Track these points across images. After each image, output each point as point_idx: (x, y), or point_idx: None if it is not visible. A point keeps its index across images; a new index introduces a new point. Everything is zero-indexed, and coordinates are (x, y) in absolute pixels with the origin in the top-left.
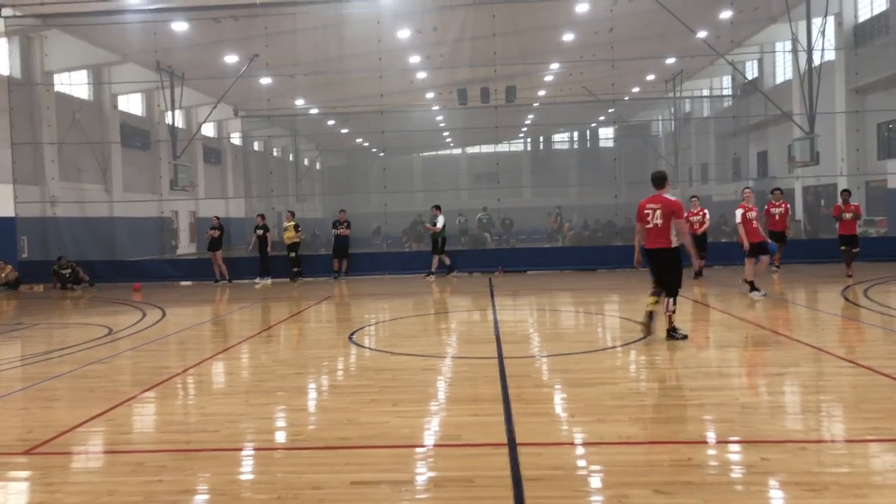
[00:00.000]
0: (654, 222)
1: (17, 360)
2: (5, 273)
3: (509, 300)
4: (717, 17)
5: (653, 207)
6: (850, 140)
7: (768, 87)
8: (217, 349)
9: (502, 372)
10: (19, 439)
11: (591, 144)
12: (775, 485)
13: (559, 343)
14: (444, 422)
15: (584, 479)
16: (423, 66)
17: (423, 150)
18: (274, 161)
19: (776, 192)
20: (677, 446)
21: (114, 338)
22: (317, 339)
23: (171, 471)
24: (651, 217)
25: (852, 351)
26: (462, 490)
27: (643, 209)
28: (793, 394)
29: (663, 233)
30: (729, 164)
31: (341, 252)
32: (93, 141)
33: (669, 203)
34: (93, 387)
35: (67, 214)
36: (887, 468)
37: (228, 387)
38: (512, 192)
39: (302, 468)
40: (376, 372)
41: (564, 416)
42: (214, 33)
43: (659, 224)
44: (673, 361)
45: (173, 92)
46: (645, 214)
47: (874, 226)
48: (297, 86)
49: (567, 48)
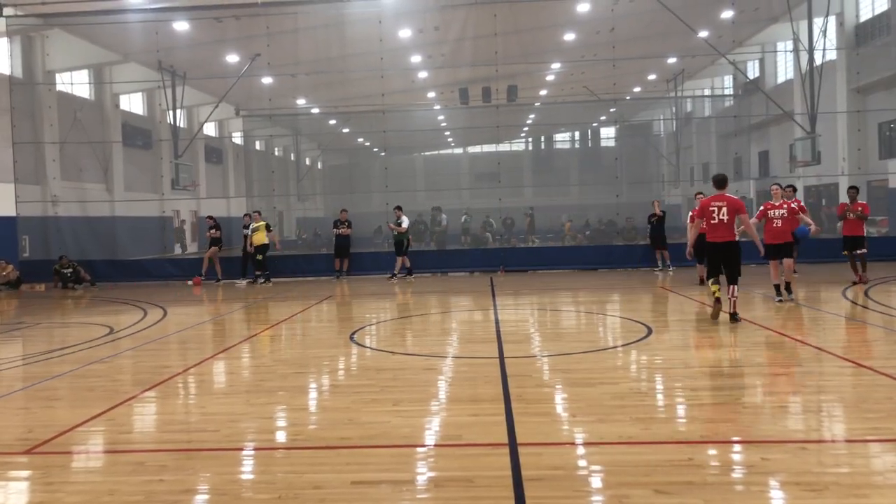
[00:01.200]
0: (719, 218)
1: (18, 360)
2: (6, 272)
3: (510, 300)
4: (719, 17)
5: (718, 205)
6: (852, 140)
7: (770, 86)
8: (218, 348)
9: (503, 372)
10: (20, 439)
11: (593, 144)
12: (776, 485)
13: (560, 343)
14: (445, 422)
15: (585, 479)
16: (424, 65)
17: (425, 149)
18: (275, 160)
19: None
20: (678, 446)
21: (115, 337)
22: (318, 339)
23: (172, 470)
24: (717, 213)
25: (853, 351)
26: (462, 490)
27: (709, 206)
28: (793, 394)
29: (729, 227)
30: (730, 163)
31: (342, 252)
32: (94, 140)
33: (734, 201)
34: (93, 386)
35: (69, 214)
36: (888, 468)
37: (229, 386)
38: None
39: (303, 468)
40: (377, 371)
41: (565, 416)
42: (216, 33)
43: (725, 220)
44: (673, 361)
45: (175, 91)
46: (711, 211)
47: (875, 225)
48: (298, 85)
49: (568, 48)
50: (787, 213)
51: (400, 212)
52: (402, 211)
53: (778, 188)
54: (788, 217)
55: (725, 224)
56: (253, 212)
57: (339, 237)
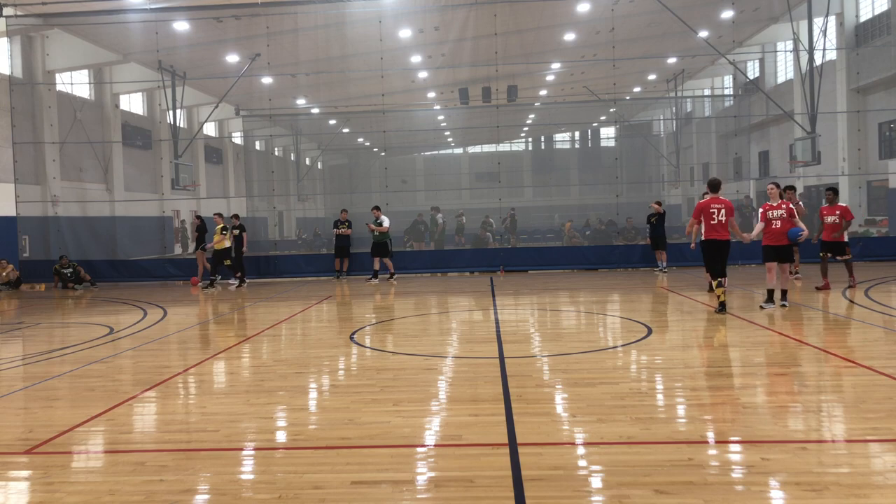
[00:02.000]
0: (718, 219)
1: (18, 360)
2: (6, 272)
3: (510, 300)
4: (719, 17)
5: (717, 207)
6: (852, 140)
7: (770, 86)
8: (218, 348)
9: (503, 372)
10: (20, 439)
11: (593, 144)
12: (776, 485)
13: (560, 343)
14: (445, 422)
15: (585, 480)
16: (424, 65)
17: (425, 149)
18: (275, 160)
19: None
20: (678, 446)
21: (115, 337)
22: (318, 339)
23: (172, 470)
24: (716, 214)
25: (853, 351)
26: (463, 490)
27: (709, 208)
28: (793, 394)
29: (726, 227)
30: (730, 163)
31: (343, 252)
32: (94, 140)
33: (729, 204)
34: (93, 386)
35: (69, 214)
36: (888, 468)
37: (229, 386)
38: (513, 192)
39: (303, 468)
40: (377, 371)
41: (565, 416)
42: (216, 33)
43: (723, 220)
44: (673, 361)
45: (175, 91)
46: (711, 213)
47: (875, 225)
48: (298, 85)
49: (568, 48)
50: (785, 213)
51: (379, 212)
52: (380, 211)
53: (774, 187)
54: (787, 217)
55: (723, 224)
56: (214, 214)
57: (339, 237)
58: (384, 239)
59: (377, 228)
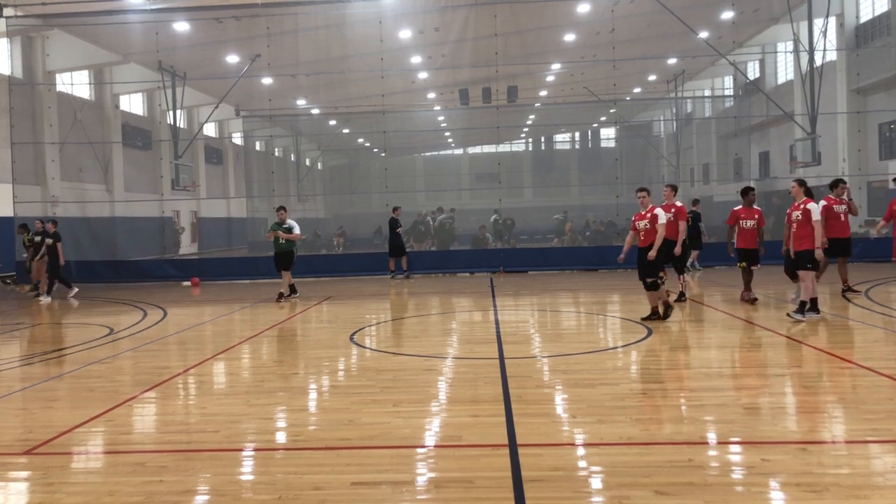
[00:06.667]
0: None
1: (18, 360)
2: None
3: (510, 300)
4: (719, 18)
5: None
6: (852, 141)
7: (770, 87)
8: (218, 349)
9: (503, 372)
10: (19, 439)
11: (593, 145)
12: (776, 486)
13: (560, 344)
14: (445, 422)
15: (585, 480)
16: (424, 66)
17: (425, 150)
18: (275, 161)
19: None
20: (678, 447)
21: (114, 338)
22: (318, 340)
23: (172, 471)
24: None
25: (853, 352)
26: (462, 491)
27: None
28: (793, 395)
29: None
30: (730, 164)
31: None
32: (94, 141)
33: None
34: (93, 387)
35: (68, 214)
36: (888, 469)
37: (229, 387)
38: (513, 193)
39: (303, 469)
40: (377, 372)
41: (565, 417)
42: (216, 33)
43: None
44: (673, 362)
45: (175, 92)
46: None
47: (875, 226)
48: (298, 86)
49: (568, 48)
50: (801, 215)
51: (284, 213)
52: (286, 212)
53: (797, 185)
54: (804, 220)
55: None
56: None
57: (394, 235)
58: (290, 248)
59: (285, 236)
